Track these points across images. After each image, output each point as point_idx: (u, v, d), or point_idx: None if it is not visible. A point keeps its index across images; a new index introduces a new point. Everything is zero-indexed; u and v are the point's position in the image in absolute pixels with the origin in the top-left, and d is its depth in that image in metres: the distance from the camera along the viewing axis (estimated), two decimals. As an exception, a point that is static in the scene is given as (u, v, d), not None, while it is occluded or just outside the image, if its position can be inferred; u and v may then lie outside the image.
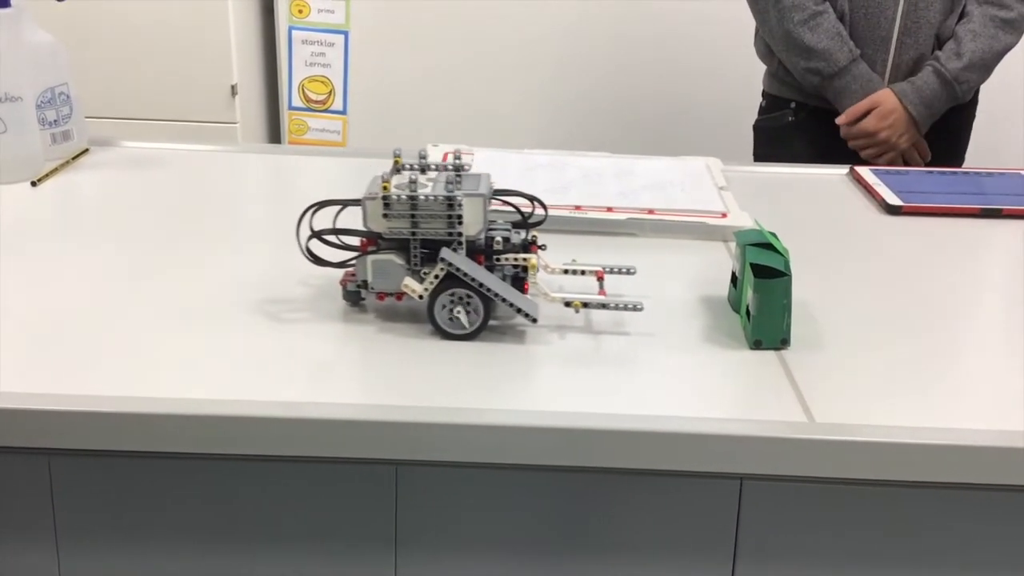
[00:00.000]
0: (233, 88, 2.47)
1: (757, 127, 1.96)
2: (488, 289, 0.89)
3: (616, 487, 0.81)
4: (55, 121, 1.34)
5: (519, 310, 0.90)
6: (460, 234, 0.90)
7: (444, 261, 0.89)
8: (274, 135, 2.72)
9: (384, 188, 0.90)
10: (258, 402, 0.79)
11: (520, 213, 0.97)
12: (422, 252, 0.91)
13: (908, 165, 1.77)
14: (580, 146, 1.52)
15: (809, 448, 0.78)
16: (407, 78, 2.67)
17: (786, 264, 0.90)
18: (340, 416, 0.78)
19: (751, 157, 1.96)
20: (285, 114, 1.88)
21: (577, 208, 1.20)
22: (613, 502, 0.82)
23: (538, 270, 0.94)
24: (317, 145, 1.80)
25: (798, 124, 1.86)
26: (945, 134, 1.82)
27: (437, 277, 0.90)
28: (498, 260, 0.93)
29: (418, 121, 2.66)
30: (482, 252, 0.92)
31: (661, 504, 0.82)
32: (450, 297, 0.90)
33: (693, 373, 0.88)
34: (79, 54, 1.44)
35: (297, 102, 1.82)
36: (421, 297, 0.90)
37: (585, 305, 0.93)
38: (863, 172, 1.42)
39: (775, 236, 0.94)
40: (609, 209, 1.20)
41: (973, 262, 1.16)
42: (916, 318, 0.99)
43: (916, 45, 1.75)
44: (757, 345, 0.91)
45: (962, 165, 1.89)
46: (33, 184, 1.26)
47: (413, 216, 0.90)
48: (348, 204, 0.96)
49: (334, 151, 1.65)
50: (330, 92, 1.81)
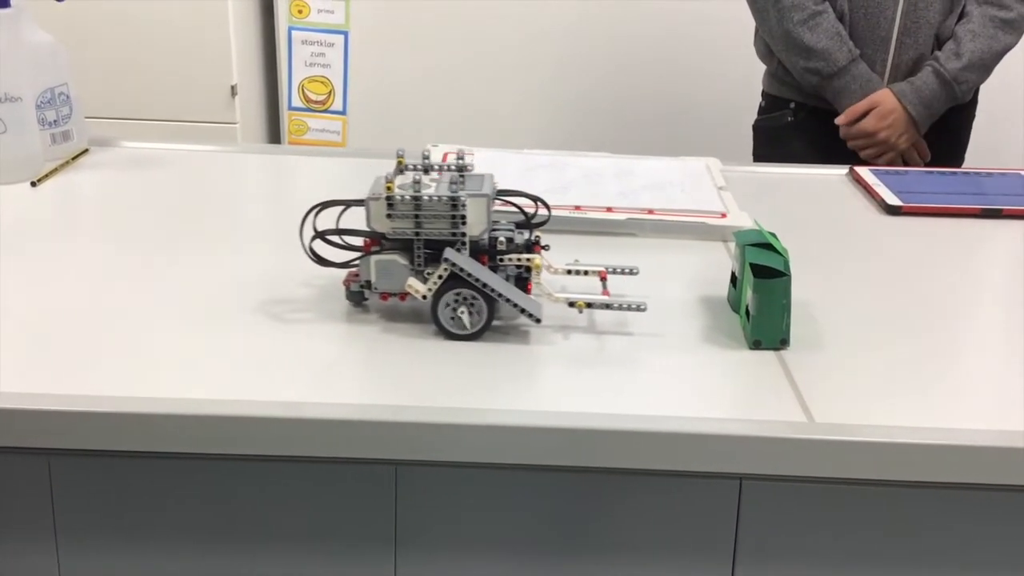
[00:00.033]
0: (233, 88, 2.46)
1: (757, 127, 1.96)
2: (492, 289, 0.89)
3: (616, 487, 0.81)
4: (55, 121, 1.34)
5: (523, 310, 0.90)
6: (464, 234, 0.90)
7: (448, 261, 0.89)
8: (274, 135, 2.72)
9: (388, 188, 0.90)
10: (258, 402, 0.79)
11: (524, 213, 0.97)
12: (426, 252, 0.91)
13: (907, 165, 1.77)
14: (580, 146, 1.52)
15: (809, 448, 0.78)
16: (407, 78, 2.67)
17: (785, 264, 0.90)
18: (340, 416, 0.78)
19: (751, 157, 1.96)
20: (285, 114, 1.88)
21: (577, 208, 1.20)
22: (613, 502, 0.82)
23: (542, 270, 0.94)
24: (317, 145, 1.80)
25: (797, 124, 1.86)
26: (945, 134, 1.82)
27: (441, 277, 0.90)
28: (501, 260, 0.93)
29: (418, 121, 2.66)
30: (486, 252, 0.92)
31: (661, 504, 0.82)
32: (454, 297, 0.90)
33: (693, 373, 0.88)
34: (79, 54, 1.44)
35: (297, 102, 1.82)
36: (425, 297, 0.90)
37: (589, 305, 0.93)
38: (863, 172, 1.42)
39: (774, 236, 0.94)
40: (609, 209, 1.20)
41: (973, 262, 1.16)
42: (916, 318, 0.99)
43: (916, 45, 1.75)
44: (757, 345, 0.91)
45: (962, 165, 1.89)
46: (33, 184, 1.26)
47: (417, 216, 0.90)
48: (352, 204, 0.96)
49: (334, 151, 1.65)
50: (330, 92, 1.81)
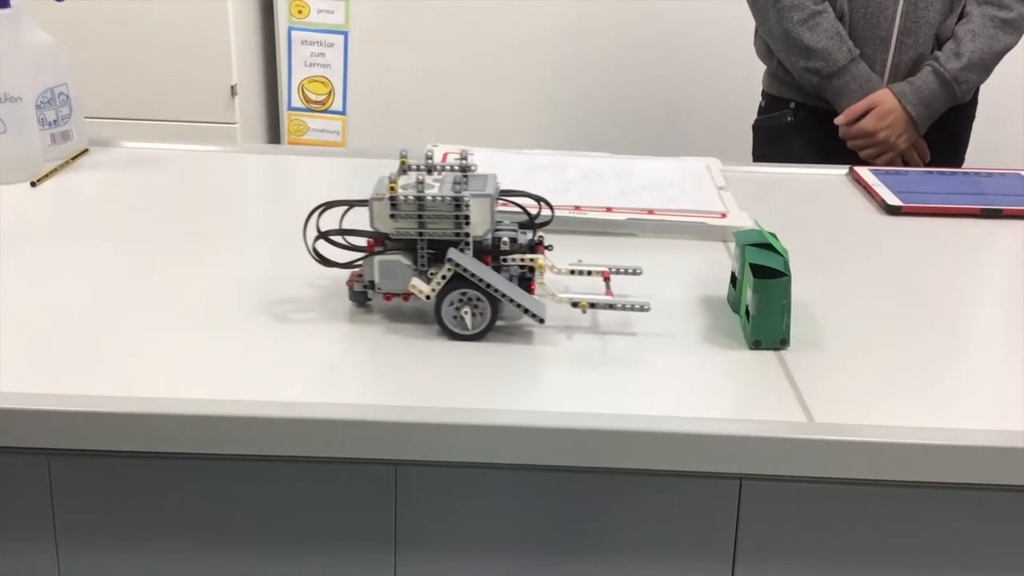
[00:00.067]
0: (233, 88, 2.46)
1: (756, 127, 1.96)
2: (495, 290, 0.89)
3: (616, 487, 0.81)
4: (55, 121, 1.34)
5: (526, 311, 0.90)
6: (467, 235, 0.90)
7: (451, 262, 0.89)
8: (274, 135, 2.72)
9: (392, 189, 0.90)
10: (257, 402, 0.79)
11: (527, 214, 0.97)
12: (429, 253, 0.91)
13: (907, 165, 1.77)
14: (580, 146, 1.52)
15: (808, 448, 0.78)
16: (407, 78, 2.67)
17: (785, 264, 0.90)
18: (339, 416, 0.78)
19: (750, 157, 1.96)
20: (285, 114, 1.88)
21: (577, 208, 1.20)
22: (613, 502, 0.82)
23: (545, 270, 0.94)
24: (317, 145, 1.81)
25: (797, 124, 1.86)
26: (945, 134, 1.82)
27: (444, 278, 0.90)
28: (505, 261, 0.93)
29: (418, 121, 2.66)
30: (489, 253, 0.92)
31: (661, 504, 0.82)
32: (458, 298, 0.90)
33: (693, 373, 0.88)
34: (79, 54, 1.44)
35: (297, 102, 1.82)
36: (428, 298, 0.90)
37: (592, 306, 0.93)
38: (862, 172, 1.42)
39: (774, 236, 0.94)
40: (609, 209, 1.20)
41: (973, 262, 1.16)
42: (916, 318, 0.99)
43: (915, 45, 1.75)
44: (756, 345, 0.91)
45: (962, 165, 1.89)
46: (33, 184, 1.26)
47: (420, 217, 0.90)
48: (355, 205, 0.96)
49: (334, 151, 1.65)
50: (329, 92, 1.82)
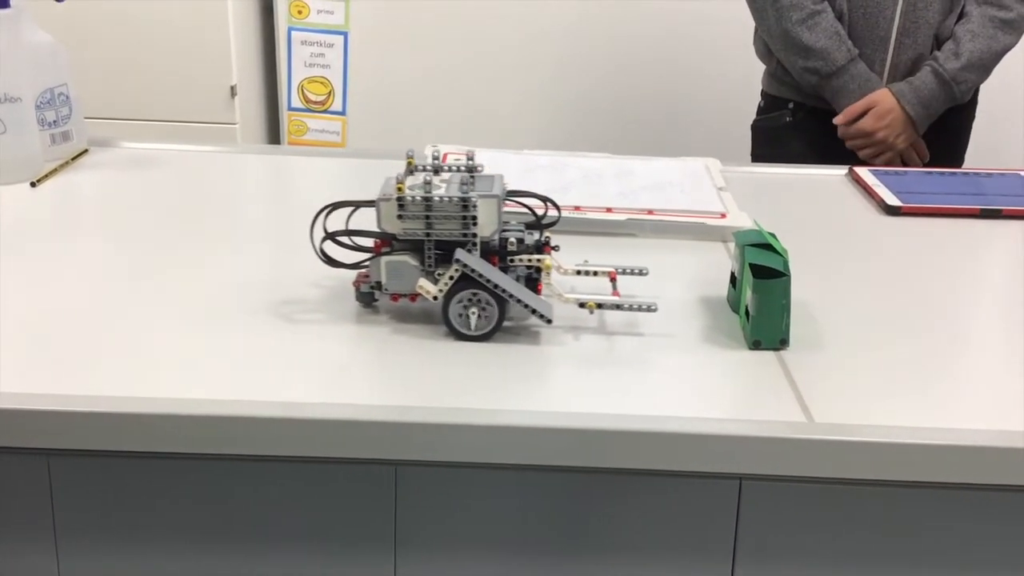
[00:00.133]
0: (232, 89, 2.46)
1: (755, 127, 1.96)
2: (503, 290, 0.89)
3: (616, 487, 0.81)
4: (55, 122, 1.34)
5: (534, 311, 0.90)
6: (475, 235, 0.90)
7: (459, 262, 0.89)
8: (273, 136, 2.72)
9: (399, 189, 0.90)
10: (257, 402, 0.79)
11: (534, 214, 0.97)
12: (436, 253, 0.91)
13: (906, 165, 1.77)
14: (580, 146, 1.52)
15: (808, 448, 0.78)
16: (407, 78, 2.67)
17: (785, 264, 0.90)
18: (339, 416, 0.78)
19: (749, 158, 1.96)
20: (284, 115, 1.88)
21: (577, 209, 1.20)
22: (613, 502, 0.82)
23: (552, 271, 0.94)
24: (316, 146, 1.80)
25: (796, 124, 1.86)
26: (945, 134, 1.82)
27: (452, 278, 0.90)
28: (512, 261, 0.93)
29: (418, 121, 2.66)
30: (496, 253, 0.92)
31: (661, 504, 0.82)
32: (465, 298, 0.90)
33: (692, 373, 0.88)
34: (79, 54, 1.44)
35: (296, 103, 1.82)
36: (435, 298, 0.90)
37: (599, 306, 0.93)
38: (862, 172, 1.42)
39: (774, 236, 0.94)
40: (609, 210, 1.20)
41: (973, 262, 1.16)
42: (916, 318, 0.99)
43: (915, 45, 1.75)
44: (756, 345, 0.91)
45: (962, 165, 1.89)
46: (33, 185, 1.26)
47: (427, 217, 0.90)
48: (362, 205, 0.95)
49: (334, 152, 1.65)
50: (329, 93, 1.82)
